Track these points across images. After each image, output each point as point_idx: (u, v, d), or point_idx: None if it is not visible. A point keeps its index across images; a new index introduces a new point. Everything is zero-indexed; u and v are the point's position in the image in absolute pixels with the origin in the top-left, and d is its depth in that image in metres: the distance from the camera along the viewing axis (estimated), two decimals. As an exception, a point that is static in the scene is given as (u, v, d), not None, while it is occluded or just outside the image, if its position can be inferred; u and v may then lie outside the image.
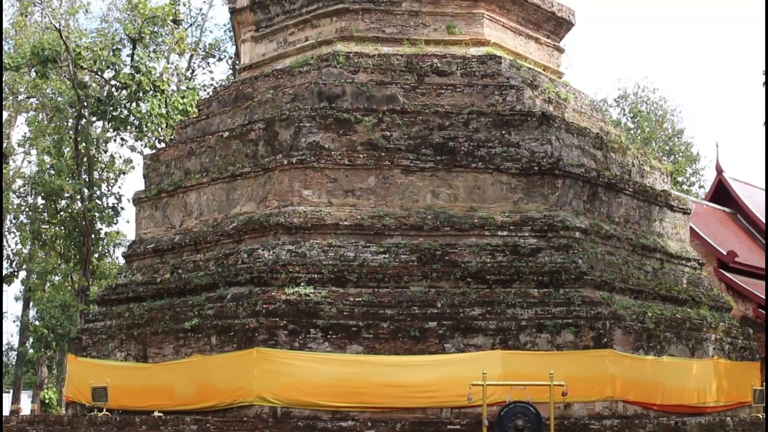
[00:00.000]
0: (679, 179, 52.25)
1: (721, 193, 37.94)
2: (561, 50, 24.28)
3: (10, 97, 44.14)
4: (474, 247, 18.24)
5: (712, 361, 19.87)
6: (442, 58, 20.76)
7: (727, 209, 37.35)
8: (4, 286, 42.20)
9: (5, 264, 41.73)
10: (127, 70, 36.56)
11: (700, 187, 53.86)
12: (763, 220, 36.07)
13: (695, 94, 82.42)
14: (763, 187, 38.42)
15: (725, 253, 31.89)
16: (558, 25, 23.80)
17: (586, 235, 18.91)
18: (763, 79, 17.39)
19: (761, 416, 20.27)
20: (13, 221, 42.65)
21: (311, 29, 21.95)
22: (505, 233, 18.50)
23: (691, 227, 24.88)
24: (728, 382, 20.18)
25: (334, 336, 16.88)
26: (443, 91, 20.05)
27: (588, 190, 19.74)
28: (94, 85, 39.36)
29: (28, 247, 42.66)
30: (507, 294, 17.69)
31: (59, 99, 40.57)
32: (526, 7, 22.74)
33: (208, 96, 27.10)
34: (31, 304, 47.27)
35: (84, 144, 37.04)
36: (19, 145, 44.95)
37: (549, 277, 17.89)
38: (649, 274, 20.38)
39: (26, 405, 47.49)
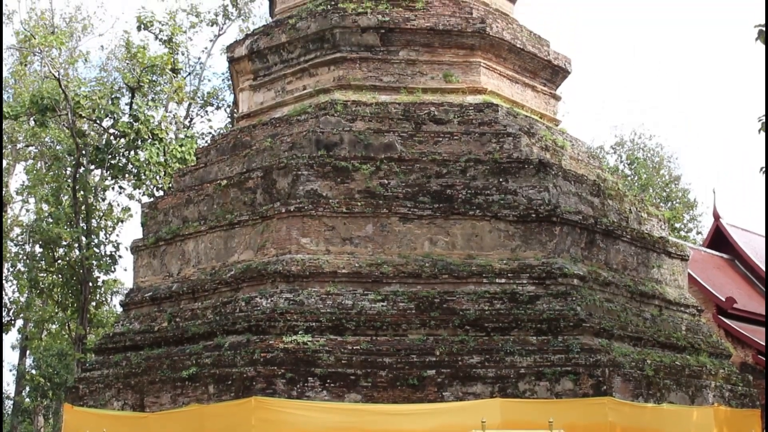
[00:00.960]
0: (677, 225, 52.31)
1: (719, 239, 37.99)
2: (557, 98, 24.43)
3: (9, 146, 44.29)
4: (472, 295, 18.24)
5: (712, 408, 19.76)
6: (439, 107, 20.88)
7: (724, 255, 37.37)
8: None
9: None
10: (125, 118, 36.73)
11: (698, 233, 53.93)
12: (762, 266, 36.08)
13: (692, 141, 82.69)
14: (761, 232, 38.47)
15: (724, 300, 31.86)
16: (554, 74, 23.96)
17: (584, 282, 18.91)
18: (759, 125, 17.46)
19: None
20: (11, 269, 42.59)
21: (309, 78, 22.10)
22: (503, 280, 18.50)
23: (689, 273, 24.87)
24: (729, 429, 20.05)
25: (332, 384, 16.82)
26: (441, 139, 20.15)
27: (586, 237, 19.76)
28: (92, 133, 39.48)
29: (25, 295, 42.55)
30: (505, 342, 17.65)
31: (58, 147, 40.69)
32: (522, 56, 22.91)
33: (206, 144, 27.23)
34: (27, 352, 47.03)
35: (82, 192, 37.11)
36: (17, 194, 45.01)
37: (547, 325, 17.86)
38: (648, 321, 20.35)
39: (22, 455, 47.10)
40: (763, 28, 15.61)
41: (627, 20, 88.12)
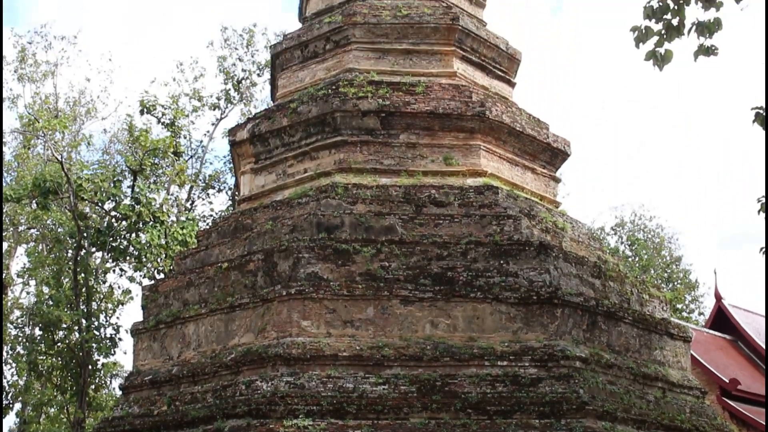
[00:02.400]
0: (679, 306, 52.23)
1: (721, 320, 37.92)
2: (557, 180, 24.58)
3: (11, 228, 44.44)
4: (474, 378, 18.13)
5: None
6: (439, 189, 20.99)
7: (727, 336, 37.26)
8: (-1, 419, 41.64)
9: (0, 396, 41.29)
10: (127, 201, 36.89)
11: (700, 314, 53.82)
12: (764, 346, 35.91)
13: (692, 221, 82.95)
14: (763, 313, 38.37)
15: (727, 381, 31.68)
16: (554, 156, 24.14)
17: (586, 364, 18.80)
18: (758, 206, 17.52)
19: None
20: (10, 352, 42.40)
21: (310, 161, 22.27)
22: (504, 363, 18.40)
23: (692, 355, 24.76)
24: None
25: (333, 469, 16.64)
26: (441, 222, 20.21)
27: (587, 319, 19.71)
28: (94, 216, 39.64)
29: (24, 378, 42.29)
30: (508, 425, 17.49)
31: (59, 230, 40.81)
32: (522, 139, 23.10)
33: (207, 227, 27.30)
34: (26, 436, 46.59)
35: (83, 274, 37.11)
36: (18, 276, 45.04)
37: (550, 408, 17.72)
38: (651, 404, 20.19)
39: None
40: (761, 111, 15.75)
41: (623, 100, 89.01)
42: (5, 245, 43.73)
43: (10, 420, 49.40)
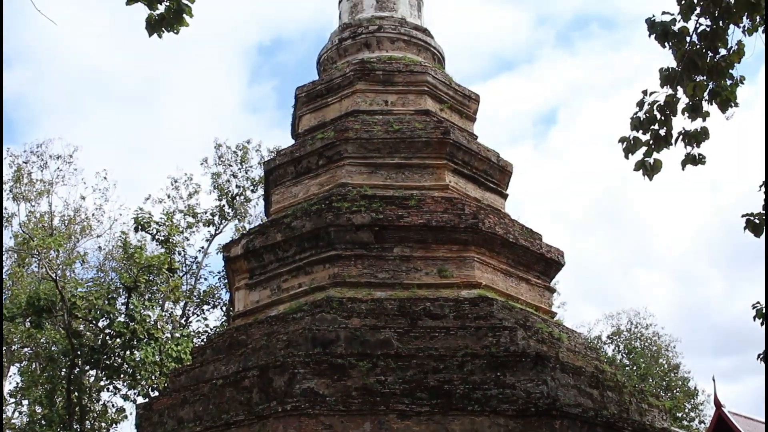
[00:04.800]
0: (679, 415, 51.70)
1: (722, 427, 37.46)
2: (552, 290, 24.59)
3: (4, 348, 44.11)
4: (473, 493, 17.82)
5: None
6: (434, 302, 20.97)
7: (729, 444, 36.77)
8: None
9: None
10: (122, 318, 36.77)
11: (701, 422, 53.24)
12: (767, 455, 35.45)
13: (689, 328, 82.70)
14: (763, 419, 37.99)
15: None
16: (548, 266, 24.20)
17: (587, 477, 18.53)
18: (754, 312, 17.50)
19: None
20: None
21: (304, 276, 22.29)
22: (504, 477, 18.13)
23: (694, 465, 24.43)
24: None
25: None
26: (437, 334, 20.14)
27: (587, 430, 19.48)
28: (88, 333, 39.46)
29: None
30: None
31: (53, 348, 40.55)
32: (515, 250, 23.20)
33: (202, 343, 27.16)
34: None
35: (77, 393, 36.73)
36: (10, 396, 44.54)
37: None
38: None
39: None
40: (752, 218, 15.84)
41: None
42: (-2, 365, 43.36)
43: None
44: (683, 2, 14.03)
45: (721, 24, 14.09)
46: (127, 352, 36.64)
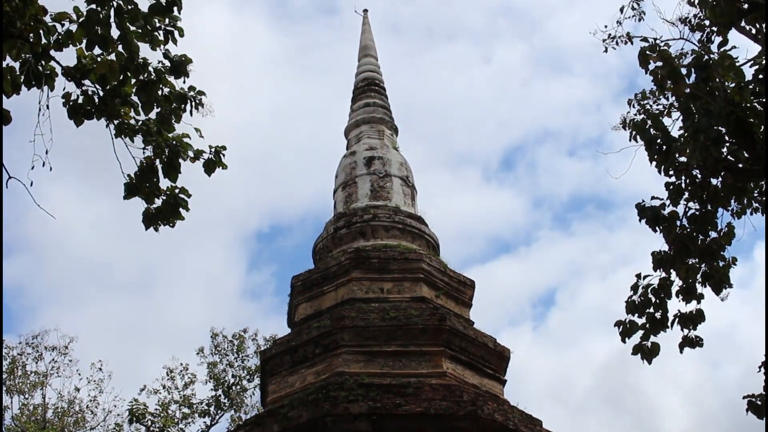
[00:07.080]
0: None
1: None
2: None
3: None
4: None
5: None
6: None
7: None
8: None
9: None
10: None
11: None
12: None
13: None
14: None
15: None
16: (549, 453, 23.79)
17: None
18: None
19: None
20: None
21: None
22: None
23: None
24: None
25: None
26: None
27: None
28: None
29: None
30: None
31: None
32: (515, 437, 22.85)
33: None
34: None
35: None
36: None
37: None
38: None
39: None
40: (754, 399, 15.66)
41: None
42: None
43: None
44: (672, 187, 14.33)
45: (709, 207, 14.36)
46: None
